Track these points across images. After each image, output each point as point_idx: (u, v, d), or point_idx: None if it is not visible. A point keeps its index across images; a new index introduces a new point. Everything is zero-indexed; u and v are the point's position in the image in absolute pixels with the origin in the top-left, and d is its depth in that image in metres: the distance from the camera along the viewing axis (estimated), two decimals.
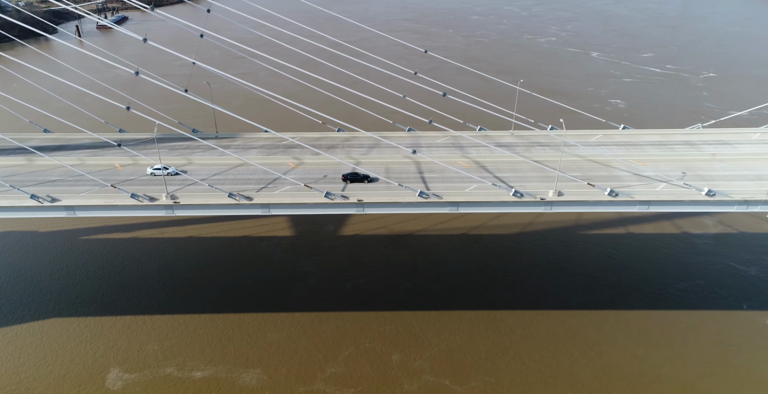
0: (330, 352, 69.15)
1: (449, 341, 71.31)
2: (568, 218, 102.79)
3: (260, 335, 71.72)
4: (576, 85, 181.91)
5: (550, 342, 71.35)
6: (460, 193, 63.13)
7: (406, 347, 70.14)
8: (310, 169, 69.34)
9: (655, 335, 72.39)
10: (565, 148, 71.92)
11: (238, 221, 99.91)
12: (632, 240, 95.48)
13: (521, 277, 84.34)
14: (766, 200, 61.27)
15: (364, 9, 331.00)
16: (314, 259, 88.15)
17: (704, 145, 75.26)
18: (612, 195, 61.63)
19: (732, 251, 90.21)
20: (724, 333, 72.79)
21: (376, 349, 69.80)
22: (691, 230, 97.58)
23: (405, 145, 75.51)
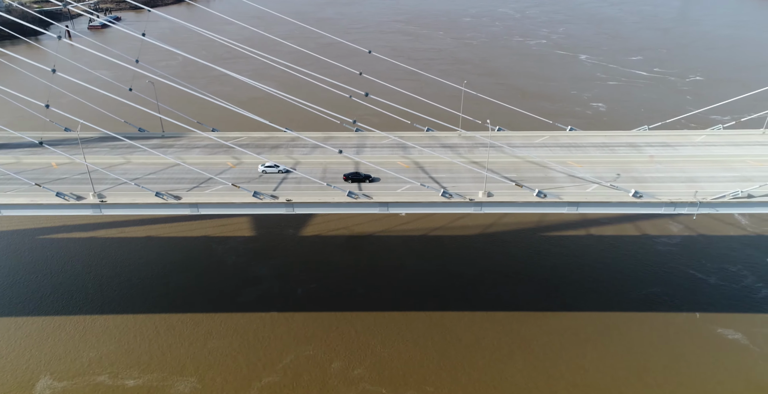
0: (270, 360, 67.63)
1: (393, 348, 69.73)
2: (531, 219, 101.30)
3: (201, 342, 70.27)
4: (560, 88, 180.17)
5: (496, 351, 69.68)
6: (391, 194, 62.28)
7: (349, 355, 68.69)
8: (248, 168, 68.24)
9: (603, 344, 70.64)
10: (507, 149, 71.37)
11: (198, 221, 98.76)
12: (595, 244, 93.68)
13: (477, 282, 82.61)
14: (692, 202, 60.17)
15: (357, 11, 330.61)
16: (269, 263, 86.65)
17: (647, 147, 74.49)
18: (540, 196, 60.87)
19: (694, 259, 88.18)
20: (672, 342, 70.91)
21: (318, 356, 68.31)
22: (655, 235, 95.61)
23: (349, 146, 74.99)
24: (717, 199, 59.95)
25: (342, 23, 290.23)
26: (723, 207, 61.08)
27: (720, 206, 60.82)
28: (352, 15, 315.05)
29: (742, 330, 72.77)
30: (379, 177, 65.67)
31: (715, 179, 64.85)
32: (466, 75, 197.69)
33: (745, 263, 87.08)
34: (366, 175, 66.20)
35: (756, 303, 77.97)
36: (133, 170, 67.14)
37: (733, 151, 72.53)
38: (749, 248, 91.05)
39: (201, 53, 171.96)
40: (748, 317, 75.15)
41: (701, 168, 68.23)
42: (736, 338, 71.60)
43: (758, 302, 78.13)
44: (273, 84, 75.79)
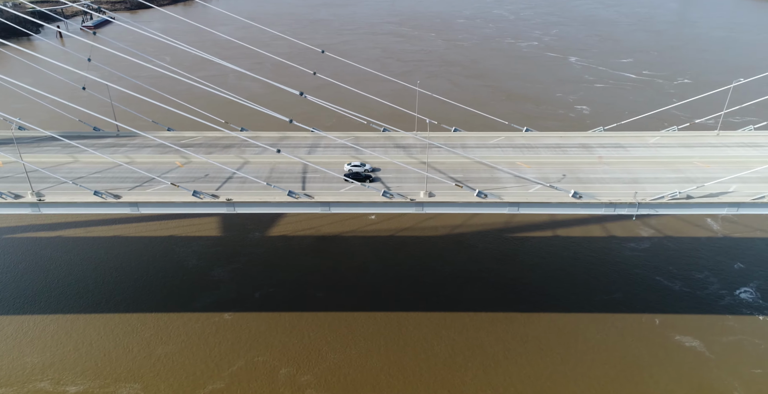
0: (218, 366, 66.59)
1: (346, 354, 68.80)
2: (500, 220, 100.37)
3: (151, 348, 69.37)
4: (546, 90, 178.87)
5: (449, 358, 68.62)
6: (333, 194, 61.54)
7: (299, 361, 67.69)
8: (195, 168, 67.38)
9: (557, 351, 69.54)
10: (459, 149, 70.83)
11: (163, 222, 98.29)
12: (562, 248, 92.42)
13: (437, 287, 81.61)
14: (631, 203, 59.57)
15: (352, 12, 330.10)
16: (230, 267, 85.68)
17: (599, 147, 73.95)
18: (481, 196, 60.20)
19: (661, 265, 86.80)
20: (628, 349, 69.74)
21: (267, 362, 67.31)
22: (624, 239, 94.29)
23: (303, 146, 74.36)
24: (655, 200, 59.51)
25: (334, 25, 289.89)
26: (662, 208, 60.52)
27: (659, 207, 60.30)
28: (345, 16, 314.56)
29: (700, 338, 71.43)
30: (380, 177, 64.86)
31: (658, 180, 64.32)
32: (454, 77, 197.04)
33: (713, 269, 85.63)
34: (366, 175, 65.61)
35: (718, 310, 76.56)
36: (80, 169, 66.41)
37: (683, 152, 72.11)
38: (719, 255, 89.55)
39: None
40: (709, 325, 73.76)
41: (647, 169, 67.78)
42: (693, 346, 70.25)
43: (721, 310, 76.71)
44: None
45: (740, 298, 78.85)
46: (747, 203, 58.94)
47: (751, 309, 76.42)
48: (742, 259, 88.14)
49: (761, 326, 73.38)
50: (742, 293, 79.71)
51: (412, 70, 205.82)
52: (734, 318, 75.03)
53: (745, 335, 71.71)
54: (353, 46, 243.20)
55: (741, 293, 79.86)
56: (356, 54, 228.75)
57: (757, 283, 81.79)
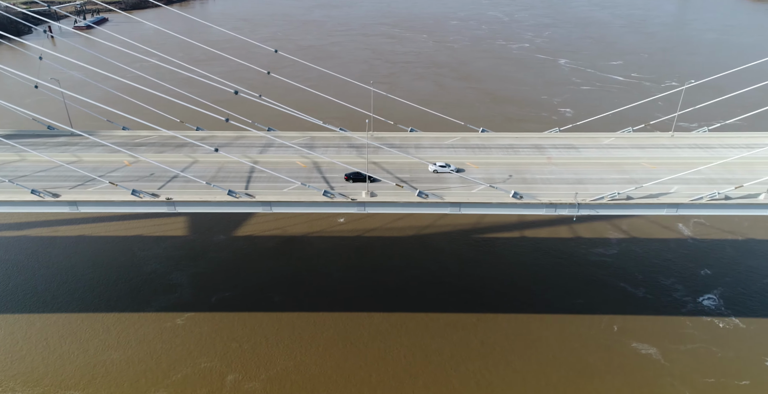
0: (164, 372, 65.67)
1: (295, 361, 67.77)
2: (469, 221, 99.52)
3: (98, 353, 68.36)
4: (531, 92, 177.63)
5: (403, 365, 67.52)
6: (275, 193, 61.12)
7: (247, 367, 66.70)
8: (142, 167, 66.84)
9: (513, 357, 68.50)
10: (413, 149, 71.20)
11: (128, 221, 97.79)
12: (529, 251, 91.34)
13: (398, 292, 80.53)
14: (572, 204, 59.17)
15: (346, 13, 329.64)
16: (190, 270, 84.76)
17: (551, 148, 73.79)
18: (422, 196, 59.72)
19: (627, 270, 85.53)
20: (581, 355, 68.68)
21: (214, 369, 66.34)
22: (592, 243, 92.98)
23: (256, 145, 73.98)
24: (595, 200, 59.11)
25: (327, 26, 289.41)
26: (602, 209, 60.33)
27: (599, 208, 60.10)
28: (339, 17, 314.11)
29: (657, 345, 70.15)
30: (380, 178, 64.37)
31: (603, 181, 64.14)
32: (440, 78, 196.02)
33: (679, 275, 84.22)
34: (367, 174, 65.24)
35: (680, 317, 75.25)
36: (25, 168, 65.90)
37: (634, 153, 72.12)
38: (687, 260, 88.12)
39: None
40: (668, 332, 72.47)
41: (595, 170, 67.63)
42: (649, 353, 68.96)
43: (682, 317, 75.40)
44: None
45: (703, 305, 77.42)
46: (686, 204, 58.73)
47: (712, 316, 75.01)
48: (710, 265, 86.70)
49: (720, 333, 72.00)
50: (705, 300, 78.29)
51: (399, 71, 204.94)
52: (694, 325, 73.65)
53: (703, 343, 70.32)
54: (343, 47, 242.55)
55: (704, 300, 78.45)
56: (345, 55, 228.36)
57: (722, 290, 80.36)
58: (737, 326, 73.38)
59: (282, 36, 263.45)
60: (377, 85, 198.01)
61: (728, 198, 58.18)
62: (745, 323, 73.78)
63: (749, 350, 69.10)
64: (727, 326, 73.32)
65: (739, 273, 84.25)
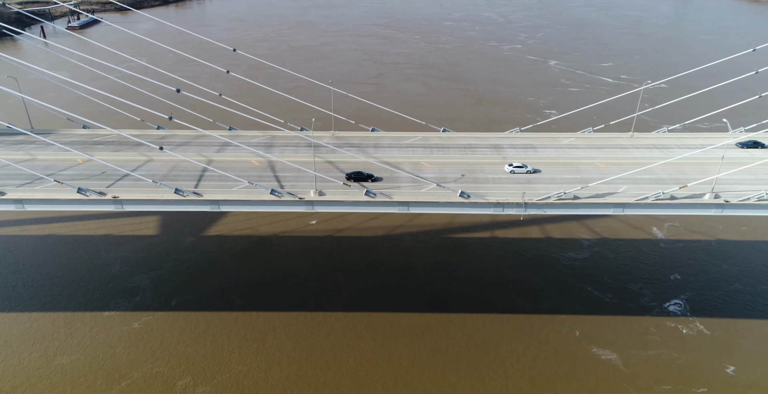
0: (113, 378, 64.52)
1: (248, 366, 66.84)
2: (440, 220, 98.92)
3: (48, 357, 67.33)
4: (518, 94, 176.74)
5: (359, 369, 66.68)
6: (223, 192, 61.17)
7: (200, 371, 65.78)
8: (95, 165, 66.62)
9: (471, 363, 67.43)
10: (371, 149, 71.98)
11: (96, 221, 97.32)
12: (499, 255, 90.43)
13: (362, 295, 79.63)
14: (519, 203, 58.95)
15: (341, 14, 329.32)
16: (153, 273, 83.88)
17: (509, 148, 73.74)
18: (370, 195, 59.52)
19: (596, 275, 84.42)
20: (539, 361, 67.68)
21: (165, 373, 65.45)
22: (564, 247, 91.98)
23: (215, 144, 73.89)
24: (541, 200, 58.91)
25: (321, 26, 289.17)
26: (549, 208, 60.30)
27: (546, 207, 60.09)
28: (334, 18, 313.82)
29: (619, 351, 69.14)
30: (382, 177, 65.05)
31: (554, 181, 64.20)
32: (428, 79, 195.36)
33: (648, 280, 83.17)
34: (368, 174, 65.46)
35: (644, 323, 74.17)
36: None
37: (591, 153, 72.28)
38: (658, 265, 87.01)
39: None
40: (631, 338, 71.44)
41: (548, 169, 67.64)
42: (609, 359, 67.97)
43: (646, 322, 74.32)
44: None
45: (668, 310, 76.36)
46: (631, 204, 58.91)
47: (676, 322, 73.92)
48: (681, 269, 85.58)
49: (683, 339, 70.92)
50: (671, 306, 77.21)
51: (388, 72, 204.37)
52: (658, 331, 72.59)
53: (664, 349, 69.27)
54: (335, 47, 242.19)
55: (671, 305, 77.37)
56: (336, 56, 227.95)
57: (689, 295, 79.27)
58: (701, 331, 72.30)
59: (274, 36, 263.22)
60: (365, 86, 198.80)
61: (674, 198, 58.30)
62: (709, 329, 72.70)
63: (711, 356, 68.04)
64: (690, 331, 72.24)
65: (709, 278, 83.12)
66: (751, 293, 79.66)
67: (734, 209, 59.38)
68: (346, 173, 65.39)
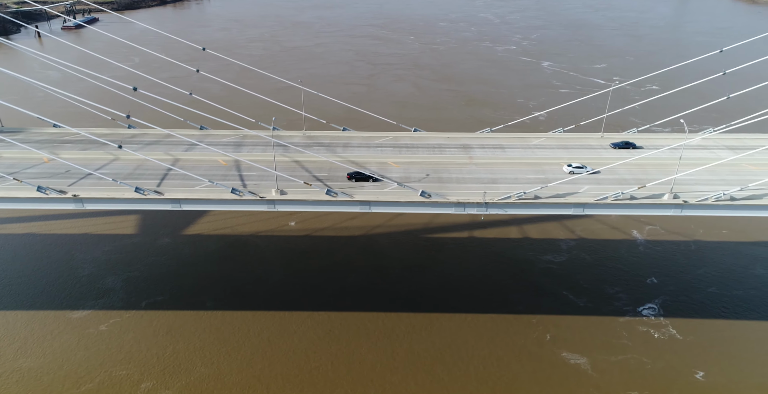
0: (75, 382, 63.88)
1: (213, 369, 66.21)
2: (419, 220, 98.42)
3: (11, 360, 66.72)
4: (508, 95, 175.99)
5: (319, 374, 65.97)
6: (185, 191, 61.00)
7: (164, 374, 65.28)
8: (59, 164, 66.35)
9: (440, 369, 66.75)
10: (340, 149, 72.54)
11: (75, 220, 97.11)
12: (475, 257, 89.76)
13: (333, 298, 78.91)
14: (479, 203, 59.00)
15: (337, 14, 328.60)
16: (126, 274, 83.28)
17: (478, 148, 73.96)
18: (331, 195, 59.47)
19: (572, 278, 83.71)
20: (508, 365, 67.02)
21: (129, 376, 64.86)
22: (542, 249, 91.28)
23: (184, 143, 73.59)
24: (502, 200, 58.73)
25: (316, 27, 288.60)
26: (510, 208, 60.52)
27: (507, 207, 60.27)
28: (329, 19, 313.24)
29: (588, 355, 68.44)
30: (381, 178, 65.22)
31: (517, 181, 64.57)
32: (420, 80, 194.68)
33: (625, 284, 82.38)
34: (369, 175, 65.75)
35: (616, 328, 73.41)
36: None
37: (558, 153, 72.83)
38: (634, 268, 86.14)
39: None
40: (602, 342, 70.72)
41: (513, 169, 67.83)
42: (578, 363, 67.29)
43: (618, 327, 73.54)
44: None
45: (642, 315, 75.56)
46: (591, 204, 59.18)
47: (648, 327, 73.13)
48: (658, 273, 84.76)
49: (654, 344, 70.13)
50: (645, 310, 76.43)
51: (380, 72, 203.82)
52: (630, 336, 71.79)
53: (634, 354, 68.49)
54: (328, 48, 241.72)
55: (644, 309, 76.59)
56: (328, 56, 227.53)
57: (664, 298, 78.47)
58: (673, 336, 71.48)
59: (269, 37, 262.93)
60: (355, 87, 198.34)
61: (633, 198, 58.30)
62: (682, 334, 71.87)
63: (681, 361, 67.23)
64: (662, 336, 71.42)
65: (685, 281, 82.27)
66: (727, 296, 78.84)
67: (693, 209, 59.85)
68: (348, 173, 65.25)
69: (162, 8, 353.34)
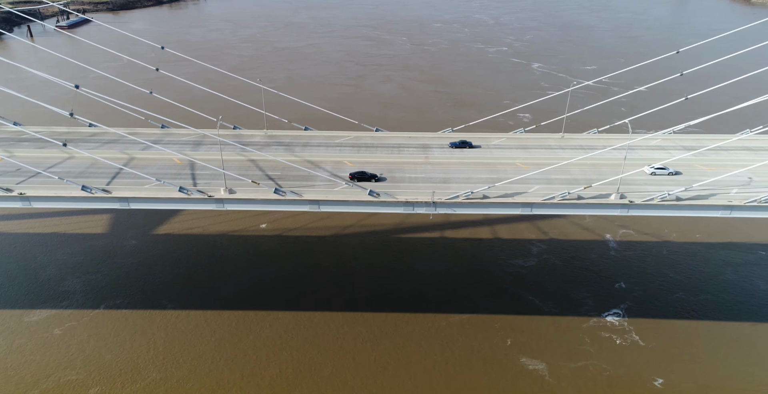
0: (22, 388, 62.69)
1: (166, 374, 65.20)
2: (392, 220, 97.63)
3: None
4: (496, 97, 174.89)
5: (276, 380, 64.89)
6: (133, 190, 60.58)
7: (116, 379, 64.25)
8: (10, 164, 65.75)
9: (390, 376, 65.57)
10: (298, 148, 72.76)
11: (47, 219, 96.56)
12: (448, 259, 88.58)
13: (296, 302, 77.71)
14: (428, 202, 58.87)
15: (332, 15, 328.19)
16: (88, 277, 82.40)
17: (437, 148, 73.70)
18: (280, 194, 59.34)
19: (539, 283, 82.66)
20: (468, 372, 65.88)
21: (79, 381, 63.84)
22: (512, 252, 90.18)
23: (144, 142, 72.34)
24: (450, 199, 58.88)
25: (309, 28, 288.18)
26: (458, 207, 60.35)
27: (455, 207, 60.02)
28: (323, 19, 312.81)
29: (548, 361, 67.32)
30: (386, 177, 64.81)
31: (469, 180, 64.57)
32: (408, 81, 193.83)
33: (592, 289, 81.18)
34: (372, 174, 64.95)
35: (578, 333, 72.26)
36: None
37: (515, 153, 72.30)
38: (604, 273, 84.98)
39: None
40: (562, 348, 69.62)
41: (466, 169, 67.54)
42: (536, 369, 66.18)
43: (582, 333, 72.40)
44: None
45: (606, 320, 74.31)
46: (538, 204, 59.67)
47: (611, 333, 71.92)
48: (627, 278, 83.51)
49: (616, 350, 68.93)
50: (610, 316, 75.18)
51: (368, 73, 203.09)
52: (592, 342, 70.64)
53: (594, 360, 67.31)
54: (319, 49, 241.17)
55: (609, 315, 75.35)
56: (318, 57, 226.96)
57: (630, 304, 77.27)
58: (636, 342, 70.26)
59: (261, 37, 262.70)
60: (342, 87, 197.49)
61: (581, 198, 57.91)
62: (645, 340, 70.66)
63: (641, 368, 66.03)
64: (624, 342, 70.22)
65: (654, 287, 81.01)
66: (694, 302, 77.59)
67: (638, 209, 59.97)
68: (350, 173, 64.69)
69: (158, 8, 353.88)
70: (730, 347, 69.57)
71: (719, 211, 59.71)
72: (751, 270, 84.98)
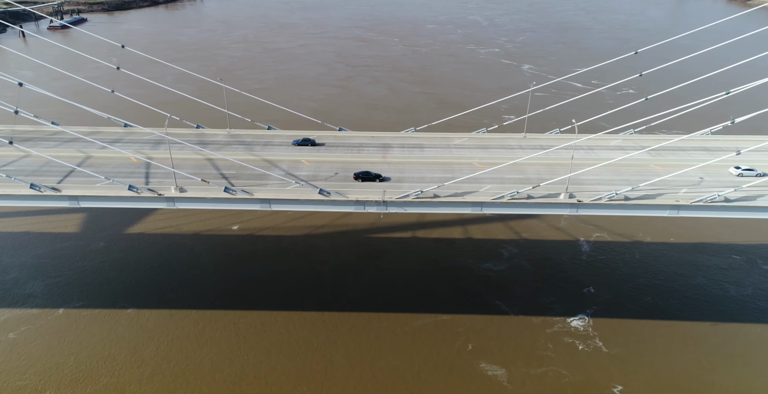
0: None
1: (117, 377, 64.21)
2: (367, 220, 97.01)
3: None
4: (483, 98, 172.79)
5: (238, 384, 63.83)
6: (83, 188, 60.23)
7: (64, 384, 63.08)
8: None
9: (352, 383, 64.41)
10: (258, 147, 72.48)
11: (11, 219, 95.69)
12: (412, 263, 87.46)
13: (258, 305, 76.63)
14: (378, 201, 58.77)
15: (326, 16, 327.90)
16: (51, 280, 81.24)
17: (398, 148, 73.80)
18: (230, 192, 58.95)
19: (509, 286, 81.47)
20: (426, 377, 64.70)
21: (29, 387, 62.62)
22: (483, 254, 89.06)
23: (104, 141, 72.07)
24: (400, 198, 58.73)
25: (302, 28, 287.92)
26: (409, 207, 60.15)
27: (406, 206, 59.76)
28: (317, 20, 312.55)
29: (507, 367, 66.17)
30: (390, 177, 64.99)
31: (422, 180, 64.19)
32: (396, 82, 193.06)
33: (561, 294, 79.95)
34: (377, 174, 65.01)
35: (541, 339, 71.10)
36: None
37: (474, 153, 71.98)
38: (574, 278, 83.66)
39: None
40: (524, 353, 68.42)
41: (421, 169, 67.30)
42: (495, 374, 65.06)
43: (545, 338, 71.26)
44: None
45: (571, 325, 73.14)
46: (488, 203, 59.69)
47: (575, 338, 70.75)
48: (597, 282, 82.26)
49: (578, 356, 67.77)
50: (575, 321, 73.99)
51: (357, 74, 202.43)
52: (554, 347, 69.47)
53: (554, 366, 66.18)
54: (310, 49, 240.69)
55: (575, 320, 74.16)
56: (308, 58, 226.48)
57: (597, 309, 76.06)
58: (598, 348, 69.06)
59: (253, 38, 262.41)
60: (329, 88, 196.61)
61: (531, 197, 57.36)
62: (608, 346, 69.46)
63: (601, 374, 64.87)
64: (587, 348, 69.06)
65: (623, 292, 79.78)
66: (661, 307, 76.38)
67: (587, 208, 59.79)
68: (354, 173, 64.48)
69: (153, 9, 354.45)
70: (690, 353, 68.30)
71: (666, 210, 59.45)
72: (723, 274, 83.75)
